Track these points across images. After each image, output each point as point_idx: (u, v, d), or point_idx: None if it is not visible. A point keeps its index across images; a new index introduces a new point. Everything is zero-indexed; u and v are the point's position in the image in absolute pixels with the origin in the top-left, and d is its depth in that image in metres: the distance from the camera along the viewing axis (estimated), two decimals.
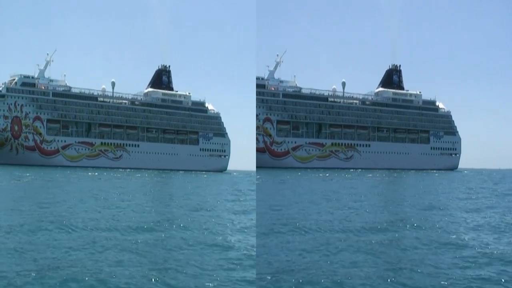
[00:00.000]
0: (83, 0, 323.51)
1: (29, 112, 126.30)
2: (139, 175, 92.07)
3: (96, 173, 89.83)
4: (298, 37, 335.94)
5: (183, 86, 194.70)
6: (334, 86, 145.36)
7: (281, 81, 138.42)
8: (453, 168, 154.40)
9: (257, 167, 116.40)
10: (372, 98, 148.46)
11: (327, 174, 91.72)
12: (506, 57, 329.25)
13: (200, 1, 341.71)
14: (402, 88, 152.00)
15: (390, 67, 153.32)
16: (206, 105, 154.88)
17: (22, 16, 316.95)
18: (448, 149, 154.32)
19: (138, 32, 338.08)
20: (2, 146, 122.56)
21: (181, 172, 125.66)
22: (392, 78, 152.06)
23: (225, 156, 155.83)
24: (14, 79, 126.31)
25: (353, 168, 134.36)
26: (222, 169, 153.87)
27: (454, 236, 20.92)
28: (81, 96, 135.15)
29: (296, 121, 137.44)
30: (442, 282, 13.72)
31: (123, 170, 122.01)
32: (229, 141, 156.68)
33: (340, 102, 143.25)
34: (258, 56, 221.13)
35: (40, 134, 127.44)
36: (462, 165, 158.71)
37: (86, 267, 14.43)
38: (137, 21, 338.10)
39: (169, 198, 42.76)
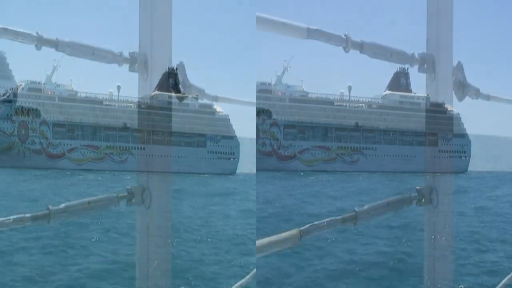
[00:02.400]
0: (89, 3, 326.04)
1: (36, 117, 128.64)
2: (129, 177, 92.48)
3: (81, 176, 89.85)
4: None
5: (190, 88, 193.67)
6: (342, 90, 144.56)
7: (288, 86, 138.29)
8: (463, 171, 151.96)
9: (263, 169, 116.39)
10: (378, 102, 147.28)
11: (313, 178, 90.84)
12: None
13: (207, 3, 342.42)
14: (410, 91, 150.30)
15: (398, 70, 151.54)
16: (214, 107, 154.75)
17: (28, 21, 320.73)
18: (457, 151, 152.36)
19: None
20: (9, 150, 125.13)
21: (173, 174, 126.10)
22: (400, 81, 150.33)
23: (234, 158, 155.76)
24: (21, 85, 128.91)
25: (358, 171, 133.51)
26: (231, 172, 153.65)
27: None
28: (86, 100, 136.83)
29: (303, 125, 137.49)
30: None
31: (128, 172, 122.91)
32: (239, 143, 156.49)
33: (346, 106, 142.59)
34: (260, 60, 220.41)
35: (47, 138, 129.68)
36: (472, 167, 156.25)
37: None
38: None
39: None
